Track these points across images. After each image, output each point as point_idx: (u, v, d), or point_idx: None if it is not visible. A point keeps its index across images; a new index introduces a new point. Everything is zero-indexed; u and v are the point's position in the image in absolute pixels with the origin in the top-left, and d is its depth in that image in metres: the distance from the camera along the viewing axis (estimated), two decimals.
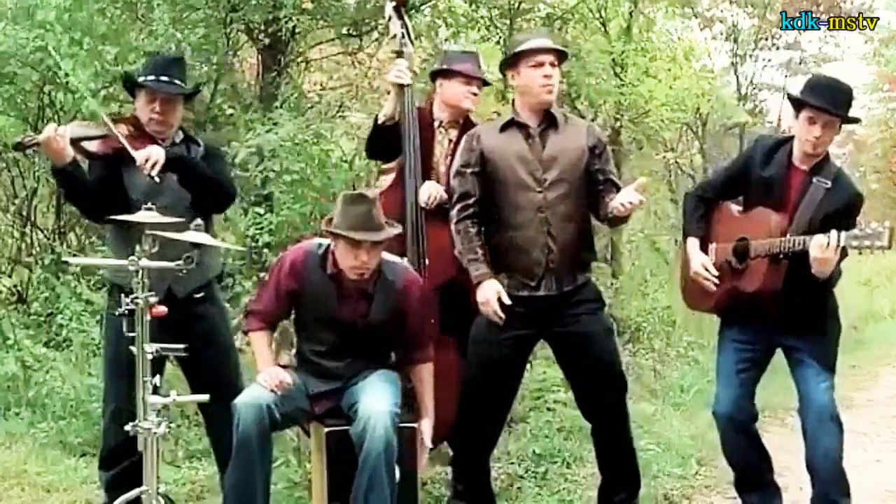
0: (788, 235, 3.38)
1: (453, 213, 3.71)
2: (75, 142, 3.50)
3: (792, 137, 3.55)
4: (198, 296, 3.66)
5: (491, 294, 3.56)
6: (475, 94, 4.09)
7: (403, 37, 4.08)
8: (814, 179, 3.44)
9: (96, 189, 3.57)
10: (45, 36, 5.73)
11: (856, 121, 3.73)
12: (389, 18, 4.13)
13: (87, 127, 3.71)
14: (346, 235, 3.30)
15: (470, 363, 3.73)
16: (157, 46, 5.93)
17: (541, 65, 3.61)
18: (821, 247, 3.22)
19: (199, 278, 3.62)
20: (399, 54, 4.10)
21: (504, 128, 3.68)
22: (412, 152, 3.98)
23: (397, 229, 3.45)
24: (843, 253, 3.32)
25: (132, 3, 6.48)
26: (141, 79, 3.65)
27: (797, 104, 3.49)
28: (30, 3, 5.93)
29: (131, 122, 3.68)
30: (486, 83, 4.25)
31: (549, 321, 3.63)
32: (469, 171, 3.68)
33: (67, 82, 5.75)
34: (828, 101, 3.41)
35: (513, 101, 3.82)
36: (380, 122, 4.05)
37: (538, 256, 3.59)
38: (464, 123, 4.09)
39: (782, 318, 3.49)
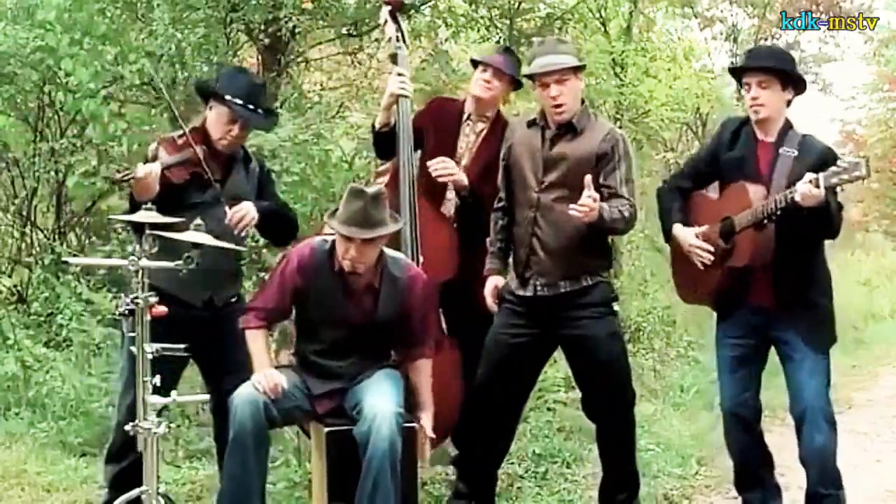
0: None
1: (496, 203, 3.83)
2: (163, 170, 3.40)
3: None
4: (233, 300, 3.73)
5: (488, 289, 3.75)
6: (487, 82, 3.99)
7: (398, 40, 4.08)
8: (780, 151, 3.45)
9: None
10: (45, 36, 5.72)
11: (800, 81, 3.55)
12: (385, 22, 4.15)
13: (171, 151, 3.54)
14: (337, 230, 3.32)
15: (481, 361, 3.74)
16: (157, 46, 5.94)
17: (546, 86, 3.57)
18: (806, 195, 3.18)
19: (237, 286, 3.80)
20: (394, 57, 4.09)
21: (530, 124, 3.71)
22: (407, 160, 3.97)
23: (396, 226, 3.42)
24: (840, 207, 3.35)
25: (132, 3, 6.49)
26: (228, 97, 3.57)
27: (737, 78, 3.60)
28: (30, 3, 5.92)
29: (201, 134, 3.61)
30: (515, 80, 4.07)
31: (549, 322, 3.62)
32: (503, 163, 3.77)
33: (67, 82, 5.75)
34: (752, 60, 3.55)
35: None
36: (377, 128, 4.07)
37: (521, 255, 3.65)
38: (494, 118, 4.07)
39: (776, 290, 3.45)
